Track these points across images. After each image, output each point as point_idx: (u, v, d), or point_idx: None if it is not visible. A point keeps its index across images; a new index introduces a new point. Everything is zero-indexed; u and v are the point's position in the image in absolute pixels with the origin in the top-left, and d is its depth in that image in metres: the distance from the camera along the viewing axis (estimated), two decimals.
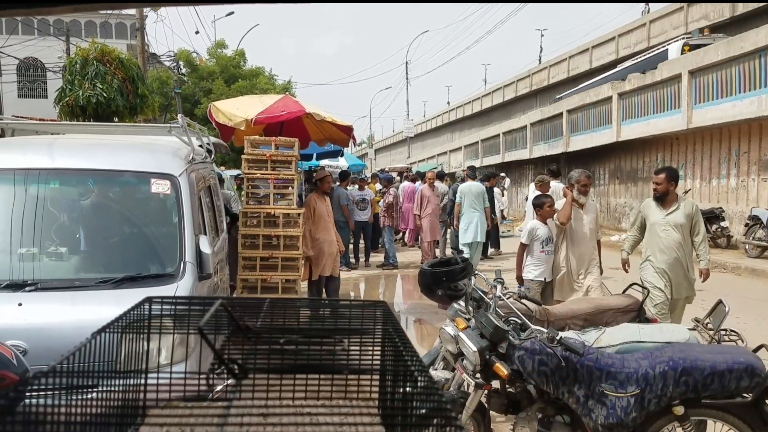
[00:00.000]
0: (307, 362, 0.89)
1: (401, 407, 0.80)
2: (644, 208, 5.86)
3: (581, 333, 3.58)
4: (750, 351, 3.27)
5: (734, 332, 3.69)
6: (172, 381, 0.90)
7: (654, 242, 5.59)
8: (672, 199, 5.59)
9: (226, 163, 20.60)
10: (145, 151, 4.47)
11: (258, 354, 0.92)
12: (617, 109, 17.91)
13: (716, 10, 22.35)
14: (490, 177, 13.54)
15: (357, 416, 0.83)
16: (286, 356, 0.90)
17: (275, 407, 0.83)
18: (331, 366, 0.90)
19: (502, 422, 4.29)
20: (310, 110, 7.44)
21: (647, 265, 5.64)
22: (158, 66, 26.39)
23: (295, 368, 0.88)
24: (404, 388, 0.83)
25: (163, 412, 0.83)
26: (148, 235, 4.16)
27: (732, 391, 3.06)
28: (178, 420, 0.78)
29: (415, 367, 0.82)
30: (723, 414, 3.14)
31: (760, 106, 12.28)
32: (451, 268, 4.54)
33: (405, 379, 0.84)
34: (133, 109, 12.24)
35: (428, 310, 8.30)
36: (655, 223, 5.59)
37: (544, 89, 36.32)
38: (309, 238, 7.31)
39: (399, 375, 0.87)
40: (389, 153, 70.31)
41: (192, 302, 0.97)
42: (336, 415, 0.82)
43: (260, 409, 0.81)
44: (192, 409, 0.81)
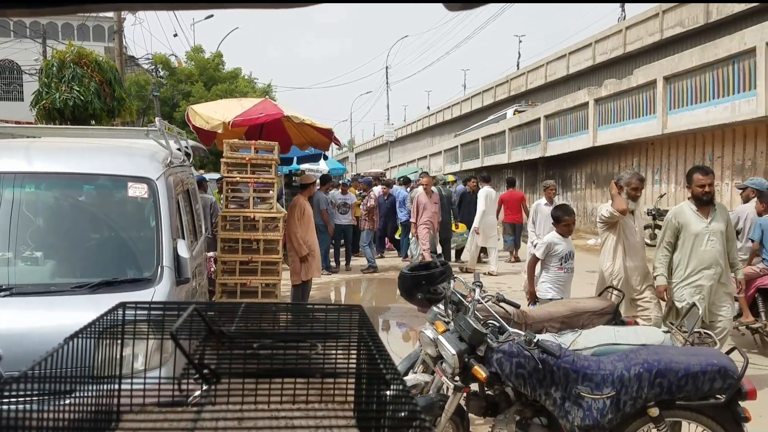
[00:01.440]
0: (282, 366, 0.89)
1: (375, 412, 0.81)
2: (678, 216, 5.09)
3: (558, 335, 3.62)
4: (723, 353, 3.33)
5: (708, 334, 3.76)
6: (146, 386, 0.90)
7: (696, 256, 4.90)
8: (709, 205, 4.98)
9: (205, 166, 20.47)
10: (122, 154, 4.42)
11: (233, 359, 0.92)
12: (593, 114, 18.13)
13: (691, 17, 22.75)
14: (467, 180, 13.66)
15: (332, 419, 0.84)
16: (261, 361, 0.90)
17: (250, 411, 0.83)
18: (305, 370, 0.90)
19: (481, 424, 4.32)
20: (288, 113, 7.43)
21: (686, 285, 4.96)
22: (136, 69, 26.13)
23: (269, 372, 0.88)
24: (377, 393, 0.84)
25: (137, 417, 0.82)
26: (125, 240, 4.12)
27: (705, 393, 3.11)
28: (152, 425, 0.77)
29: (388, 371, 0.83)
30: (697, 415, 3.18)
31: (734, 112, 12.52)
32: (430, 271, 4.56)
33: (378, 384, 0.84)
34: (110, 112, 12.12)
35: (409, 313, 8.32)
36: (698, 234, 4.89)
37: (522, 95, 36.66)
38: (292, 233, 7.34)
39: (373, 379, 0.88)
40: (370, 157, 70.36)
41: (166, 307, 0.97)
42: (312, 419, 0.82)
43: (235, 414, 0.81)
44: (166, 414, 0.81)
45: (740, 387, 3.10)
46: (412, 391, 3.50)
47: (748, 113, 12.07)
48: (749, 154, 13.06)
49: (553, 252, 5.26)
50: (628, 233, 5.15)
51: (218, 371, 0.86)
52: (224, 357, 0.92)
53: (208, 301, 4.79)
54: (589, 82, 26.74)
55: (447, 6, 0.95)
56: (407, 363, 4.37)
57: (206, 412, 0.83)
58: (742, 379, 3.10)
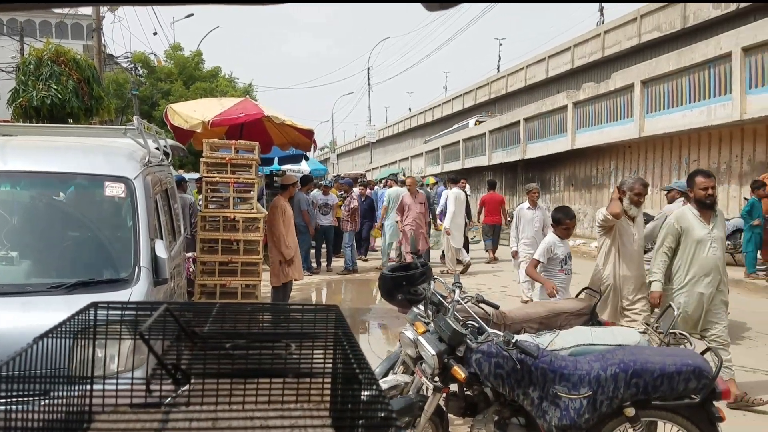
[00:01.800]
0: (257, 367, 0.89)
1: (350, 413, 0.81)
2: (680, 221, 4.88)
3: (536, 336, 3.65)
4: (698, 353, 3.38)
5: (683, 335, 3.82)
6: (119, 388, 0.89)
7: (697, 263, 4.75)
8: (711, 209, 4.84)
9: (184, 165, 20.29)
10: (100, 153, 4.37)
11: (207, 359, 0.91)
12: (572, 117, 18.32)
13: (668, 22, 23.09)
14: (458, 180, 13.66)
15: (308, 419, 0.83)
16: (235, 361, 0.89)
17: (225, 412, 0.83)
18: (280, 370, 0.90)
19: (460, 425, 4.33)
20: (269, 113, 7.40)
21: (685, 292, 4.81)
22: (115, 68, 25.82)
23: (244, 373, 0.87)
24: (352, 394, 0.84)
25: (109, 418, 0.81)
26: (102, 240, 4.08)
27: (681, 393, 3.14)
28: (124, 426, 0.77)
29: (361, 373, 0.83)
30: (672, 415, 3.22)
31: (710, 116, 12.73)
32: (410, 272, 4.57)
33: (352, 385, 0.84)
34: (88, 111, 11.96)
35: (389, 314, 8.32)
36: (701, 240, 4.74)
37: (503, 97, 36.92)
38: (279, 237, 7.32)
39: (347, 380, 0.88)
40: (352, 158, 70.32)
41: (139, 307, 0.96)
42: (287, 419, 0.82)
43: (209, 414, 0.80)
44: (139, 416, 0.80)
45: (714, 387, 3.13)
46: (391, 392, 3.50)
47: (724, 117, 12.29)
48: (724, 158, 13.29)
49: (554, 255, 5.19)
50: (626, 240, 4.99)
51: (191, 372, 0.85)
52: (198, 357, 0.91)
53: (184, 301, 4.74)
54: (568, 85, 27.04)
55: (426, 6, 0.96)
56: (387, 364, 4.37)
57: (180, 413, 0.83)
58: (716, 380, 3.14)
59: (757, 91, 11.54)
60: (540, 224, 8.54)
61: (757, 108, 11.47)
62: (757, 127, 12.23)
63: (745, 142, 12.75)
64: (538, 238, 8.41)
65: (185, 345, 0.93)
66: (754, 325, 7.49)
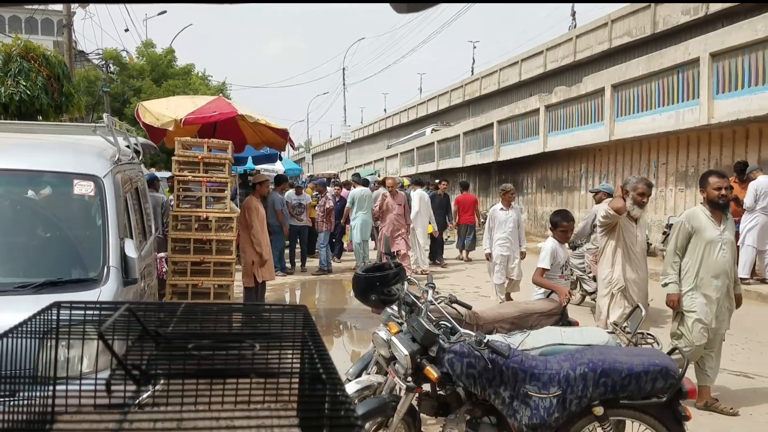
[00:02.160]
0: (223, 367, 0.88)
1: (315, 414, 0.81)
2: (691, 220, 4.71)
3: (508, 336, 3.68)
4: (665, 353, 3.45)
5: (650, 335, 3.89)
6: (83, 389, 0.87)
7: (707, 265, 4.60)
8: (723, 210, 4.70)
9: (156, 164, 20.03)
10: (68, 151, 4.29)
11: (172, 359, 0.91)
12: (544, 120, 18.53)
13: (638, 27, 23.49)
14: (423, 183, 13.84)
15: (275, 419, 0.83)
16: (201, 361, 0.89)
17: (190, 412, 0.82)
18: (246, 370, 0.89)
19: (433, 424, 4.35)
20: (243, 112, 7.34)
21: (695, 294, 4.66)
22: (86, 64, 25.35)
23: (210, 373, 0.87)
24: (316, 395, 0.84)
25: (72, 419, 0.80)
26: (71, 239, 4.01)
27: (648, 392, 3.19)
28: (87, 426, 0.75)
29: (326, 374, 0.82)
30: (640, 414, 3.27)
31: (678, 120, 12.97)
32: (384, 273, 4.58)
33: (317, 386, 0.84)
34: (58, 108, 11.73)
35: (363, 315, 8.32)
36: (712, 241, 4.58)
37: (477, 99, 37.19)
38: (259, 239, 7.27)
39: (312, 380, 0.88)
40: (327, 158, 70.13)
41: (103, 307, 0.94)
42: (254, 419, 0.82)
43: (174, 415, 0.80)
44: (102, 416, 0.79)
45: (681, 387, 3.19)
46: (365, 393, 3.49)
47: (692, 121, 12.53)
48: (692, 161, 13.56)
49: (556, 261, 5.03)
50: (629, 240, 4.85)
51: (154, 372, 0.84)
52: (162, 358, 0.90)
53: (148, 301, 4.68)
54: (541, 89, 27.32)
55: (394, 7, 0.97)
56: (361, 364, 4.38)
57: (144, 414, 0.82)
58: (683, 379, 3.20)
59: (724, 96, 11.80)
60: (514, 225, 8.58)
61: (724, 113, 11.73)
62: (724, 131, 12.51)
63: (712, 146, 13.02)
64: (512, 239, 8.48)
65: (147, 345, 0.92)
66: None
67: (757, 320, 8.08)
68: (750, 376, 5.79)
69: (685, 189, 13.84)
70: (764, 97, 10.83)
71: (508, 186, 8.92)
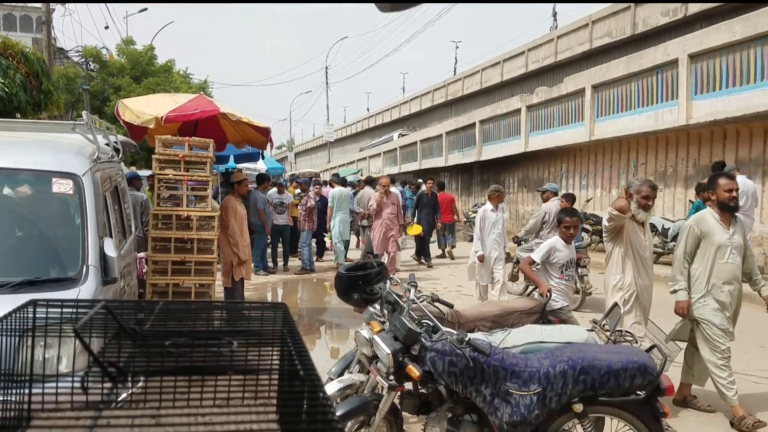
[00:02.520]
0: (201, 364, 0.88)
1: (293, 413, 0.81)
2: (700, 224, 4.56)
3: (489, 334, 3.71)
4: (643, 351, 3.49)
5: (629, 333, 3.93)
6: (60, 388, 0.87)
7: (717, 269, 4.47)
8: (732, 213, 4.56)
9: (136, 162, 19.83)
10: (47, 149, 4.24)
11: (150, 357, 0.90)
12: (525, 120, 18.66)
13: (619, 28, 23.74)
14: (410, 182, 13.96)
15: (253, 416, 0.83)
16: (179, 359, 0.88)
17: (168, 410, 0.82)
18: (221, 368, 0.89)
19: (415, 423, 4.37)
20: (225, 110, 7.29)
21: (706, 300, 4.51)
22: (66, 62, 25.01)
23: (188, 371, 0.86)
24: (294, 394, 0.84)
25: (48, 418, 0.79)
26: (49, 238, 3.96)
27: (627, 389, 3.23)
28: (64, 424, 0.75)
29: (304, 372, 0.83)
30: (618, 411, 3.31)
31: (657, 120, 13.14)
32: (366, 272, 4.59)
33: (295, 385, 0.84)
34: (37, 106, 11.56)
35: (345, 314, 8.32)
36: (722, 245, 4.45)
37: (459, 99, 37.32)
38: (236, 240, 7.22)
39: (291, 379, 0.88)
40: (309, 157, 69.95)
41: (80, 305, 0.93)
42: (232, 415, 0.82)
43: (152, 413, 0.79)
44: (79, 415, 0.78)
45: (659, 384, 3.24)
46: (347, 391, 3.49)
47: (671, 122, 12.70)
48: (671, 161, 13.74)
49: (554, 259, 4.92)
50: (637, 245, 4.70)
51: (131, 370, 0.84)
52: (140, 356, 0.89)
53: (126, 299, 4.64)
54: (522, 89, 27.50)
55: (378, 6, 0.97)
56: (343, 363, 4.38)
57: (122, 411, 0.81)
58: (661, 376, 3.25)
59: (702, 97, 11.97)
60: (503, 227, 8.50)
61: (702, 113, 11.90)
62: (702, 131, 12.69)
63: (690, 146, 13.20)
64: (500, 240, 8.40)
65: (124, 343, 0.91)
66: None
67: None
68: None
69: (664, 189, 14.01)
70: (742, 98, 11.00)
71: (498, 187, 8.80)
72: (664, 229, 12.21)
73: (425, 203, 13.49)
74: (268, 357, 0.98)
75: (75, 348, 0.90)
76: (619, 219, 4.65)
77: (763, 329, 7.61)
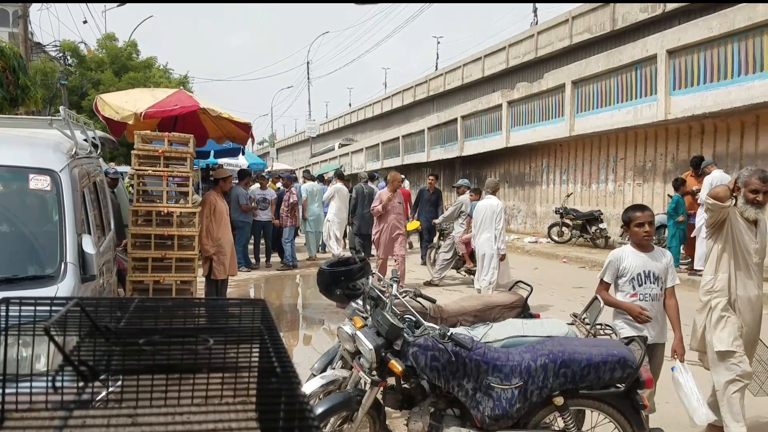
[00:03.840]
0: (178, 362, 0.87)
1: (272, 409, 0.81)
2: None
3: (471, 329, 3.72)
4: (623, 344, 3.53)
5: (608, 326, 3.96)
6: (34, 387, 0.85)
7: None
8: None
9: (115, 158, 19.60)
10: (24, 144, 4.17)
11: (126, 355, 0.89)
12: (506, 116, 18.75)
13: (598, 24, 23.91)
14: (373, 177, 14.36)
15: (232, 414, 0.83)
16: (156, 357, 0.87)
17: (145, 409, 0.81)
18: (199, 365, 0.88)
19: (397, 417, 4.38)
20: (205, 105, 7.23)
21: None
22: (43, 56, 24.60)
23: (164, 369, 0.85)
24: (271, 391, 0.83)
25: (22, 418, 0.78)
26: (26, 235, 3.90)
27: (607, 382, 3.27)
28: (39, 423, 0.74)
29: (280, 368, 0.82)
30: (599, 403, 3.35)
31: (636, 116, 13.28)
32: (349, 267, 4.59)
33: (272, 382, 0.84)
34: (13, 101, 11.35)
35: (328, 309, 8.31)
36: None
37: (441, 95, 37.38)
38: (210, 236, 7.16)
39: (268, 374, 0.88)
40: (291, 152, 69.61)
41: (54, 303, 0.92)
42: (210, 413, 0.81)
43: (129, 412, 0.78)
44: (54, 414, 0.77)
45: (638, 376, 3.28)
46: (330, 387, 3.49)
47: (649, 117, 12.85)
48: (650, 156, 13.90)
49: (621, 271, 3.95)
50: (742, 245, 3.88)
51: (104, 369, 0.83)
52: (114, 354, 0.88)
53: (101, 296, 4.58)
54: (503, 84, 27.63)
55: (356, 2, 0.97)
56: (326, 359, 4.38)
57: (97, 411, 0.80)
58: (640, 369, 3.29)
59: (680, 92, 12.13)
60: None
61: (680, 108, 12.05)
62: (680, 126, 12.85)
63: (669, 141, 13.37)
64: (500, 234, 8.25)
65: (97, 341, 0.90)
66: None
67: None
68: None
69: (642, 183, 14.17)
70: (719, 94, 11.16)
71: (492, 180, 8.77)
72: None
73: (426, 199, 13.30)
74: (247, 354, 0.98)
75: (50, 347, 0.89)
76: (717, 209, 3.84)
77: None
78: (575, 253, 13.33)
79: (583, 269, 11.89)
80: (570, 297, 9.05)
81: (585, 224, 14.44)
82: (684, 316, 4.06)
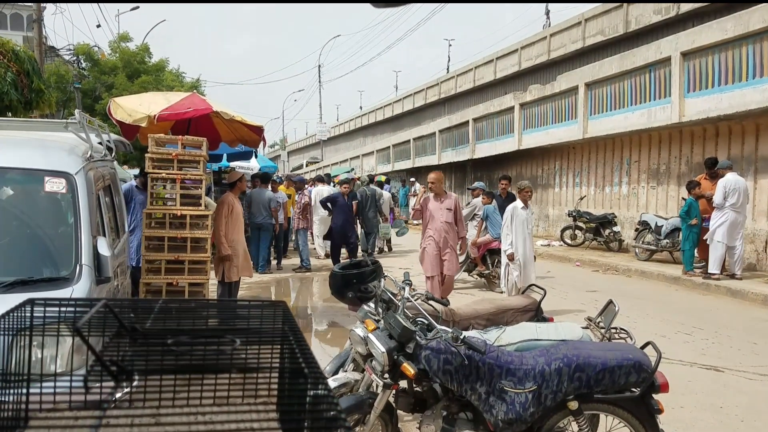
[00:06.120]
0: (201, 363, 0.87)
1: (297, 410, 0.81)
2: None
3: (483, 332, 3.71)
4: (638, 348, 3.50)
5: (624, 330, 3.93)
6: (58, 387, 0.86)
7: None
8: None
9: (128, 161, 19.75)
10: (40, 147, 4.21)
11: (149, 356, 0.89)
12: (519, 118, 18.69)
13: (611, 26, 23.81)
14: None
15: (254, 414, 0.83)
16: (179, 358, 0.88)
17: (168, 409, 0.81)
18: (225, 366, 0.89)
19: (409, 421, 4.37)
20: (218, 108, 7.26)
21: None
22: (57, 60, 24.84)
23: (186, 369, 0.86)
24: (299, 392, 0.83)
25: (47, 418, 0.78)
26: (42, 237, 3.93)
27: (622, 386, 3.24)
28: (64, 423, 0.74)
29: (308, 370, 0.82)
30: (614, 408, 3.32)
31: (650, 118, 13.19)
32: (361, 270, 4.59)
33: (299, 382, 0.84)
34: (28, 104, 11.48)
35: (340, 312, 8.31)
36: None
37: (452, 97, 37.34)
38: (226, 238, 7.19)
39: (294, 377, 0.88)
40: (302, 156, 69.79)
41: (78, 304, 0.92)
42: (233, 413, 0.81)
43: (152, 412, 0.79)
44: (77, 414, 0.77)
45: (654, 380, 3.25)
46: (341, 390, 3.48)
47: (663, 119, 12.75)
48: (664, 159, 13.79)
49: None
50: None
51: (131, 369, 0.83)
52: (139, 354, 0.89)
53: (125, 297, 4.62)
54: (515, 86, 27.54)
55: (373, 4, 0.97)
56: (338, 362, 4.38)
57: (121, 411, 0.81)
58: (656, 373, 3.26)
59: (694, 95, 12.03)
60: (531, 225, 8.20)
61: (695, 111, 11.96)
62: (695, 129, 12.74)
63: (683, 144, 13.26)
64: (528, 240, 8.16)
65: (125, 342, 0.90)
66: (691, 320, 7.82)
67: (727, 315, 8.27)
68: (720, 369, 5.92)
69: (657, 186, 14.06)
70: (733, 96, 11.06)
71: (526, 183, 8.18)
72: (657, 227, 12.27)
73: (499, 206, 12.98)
74: (269, 355, 0.98)
75: (72, 347, 0.89)
76: None
77: (752, 325, 7.66)
78: (588, 257, 13.24)
79: (597, 273, 11.82)
80: (584, 301, 9.00)
81: (598, 227, 14.34)
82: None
